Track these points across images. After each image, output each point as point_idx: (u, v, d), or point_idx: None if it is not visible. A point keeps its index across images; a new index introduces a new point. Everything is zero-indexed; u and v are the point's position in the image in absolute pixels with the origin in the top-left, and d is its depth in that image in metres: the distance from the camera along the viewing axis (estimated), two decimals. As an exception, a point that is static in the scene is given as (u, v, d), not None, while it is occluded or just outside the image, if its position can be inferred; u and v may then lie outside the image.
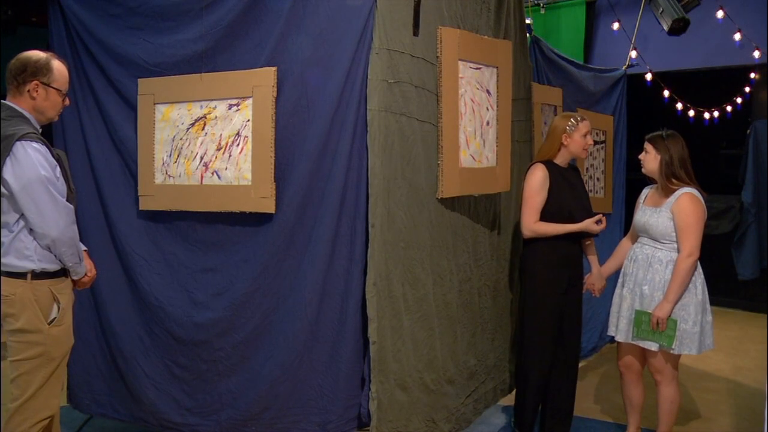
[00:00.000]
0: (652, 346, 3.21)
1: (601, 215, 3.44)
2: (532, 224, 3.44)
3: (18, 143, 2.45)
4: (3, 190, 2.47)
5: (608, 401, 4.30)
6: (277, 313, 2.99)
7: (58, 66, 2.62)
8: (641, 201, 3.45)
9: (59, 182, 2.55)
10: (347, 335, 2.89)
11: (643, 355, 3.37)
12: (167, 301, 3.18)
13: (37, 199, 2.46)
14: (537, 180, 3.44)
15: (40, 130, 2.60)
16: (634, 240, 3.46)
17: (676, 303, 3.15)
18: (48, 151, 2.53)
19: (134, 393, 3.27)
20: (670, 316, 3.14)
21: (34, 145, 2.48)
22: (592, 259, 3.70)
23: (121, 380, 3.32)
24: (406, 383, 2.98)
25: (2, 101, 2.58)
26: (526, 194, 3.48)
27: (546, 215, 3.44)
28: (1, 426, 2.53)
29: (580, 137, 3.48)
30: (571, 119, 3.49)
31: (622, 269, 3.44)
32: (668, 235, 3.22)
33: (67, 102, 2.71)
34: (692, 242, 3.14)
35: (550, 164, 3.50)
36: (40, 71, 2.57)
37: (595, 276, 3.66)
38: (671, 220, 3.21)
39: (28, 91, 2.56)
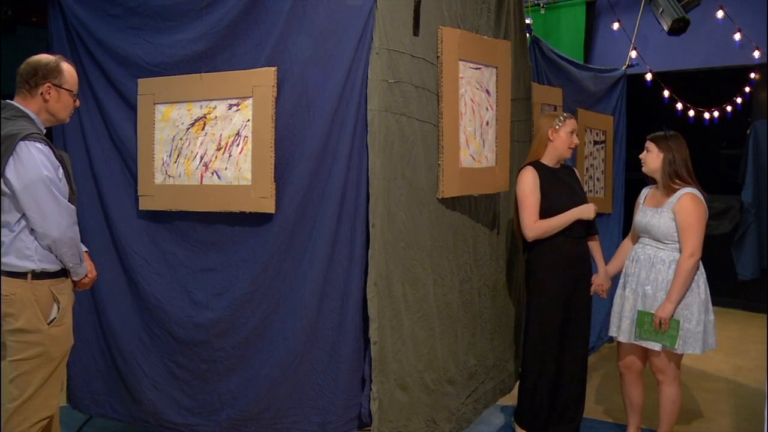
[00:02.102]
0: (655, 347, 3.21)
1: (590, 205, 3.49)
2: (533, 224, 3.44)
3: (21, 143, 2.46)
4: (5, 189, 2.47)
5: (608, 401, 4.30)
6: (277, 313, 2.99)
7: (68, 68, 2.66)
8: (641, 201, 3.44)
9: (61, 183, 2.56)
10: (347, 335, 2.89)
11: (645, 355, 3.37)
12: (167, 301, 3.18)
13: (39, 199, 2.47)
14: (527, 181, 3.47)
15: (44, 132, 2.61)
16: (635, 240, 3.46)
17: (678, 303, 3.15)
18: (51, 151, 2.54)
19: (134, 393, 3.27)
20: (672, 316, 3.14)
21: (38, 145, 2.49)
22: (598, 259, 3.68)
23: (121, 380, 3.32)
24: (407, 383, 2.98)
25: (7, 101, 2.60)
26: (520, 197, 3.50)
27: (542, 215, 3.45)
28: (0, 426, 2.53)
29: (566, 134, 3.50)
30: (558, 116, 3.53)
31: (624, 269, 3.43)
32: (670, 236, 3.22)
33: (78, 103, 2.74)
34: (694, 242, 3.14)
35: (538, 165, 3.54)
36: (51, 73, 2.60)
37: (602, 277, 3.64)
38: (673, 221, 3.20)
39: (41, 93, 2.59)
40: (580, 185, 3.65)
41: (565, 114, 3.57)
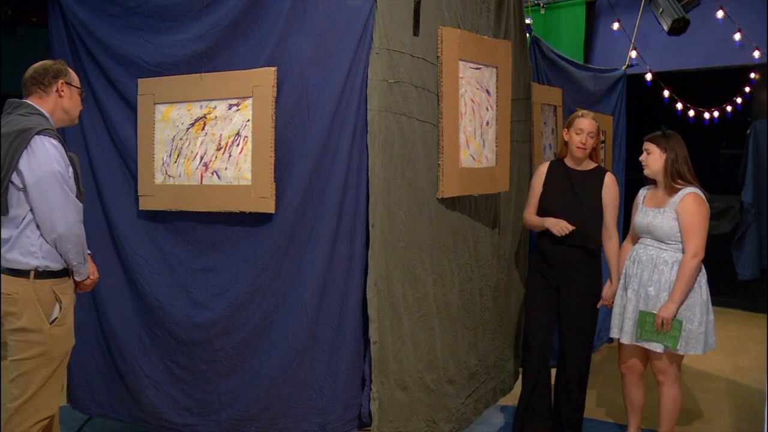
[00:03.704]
0: (657, 348, 3.20)
1: (563, 222, 3.36)
2: (525, 215, 3.64)
3: (36, 137, 2.49)
4: (17, 182, 2.48)
5: (609, 401, 4.30)
6: (277, 313, 2.99)
7: (71, 69, 2.74)
8: (640, 202, 3.42)
9: (71, 181, 2.57)
10: (347, 335, 2.89)
11: (646, 356, 3.36)
12: (167, 301, 3.18)
13: (48, 193, 2.48)
14: (534, 177, 3.65)
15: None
16: (635, 241, 3.44)
17: (681, 303, 3.13)
18: (64, 149, 2.57)
19: (134, 393, 3.27)
20: (675, 316, 3.13)
21: (52, 140, 2.52)
22: (612, 270, 3.50)
23: (121, 380, 3.32)
24: (407, 383, 2.98)
25: (23, 100, 2.63)
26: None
27: (537, 212, 3.56)
28: (0, 426, 2.53)
29: (575, 133, 3.46)
30: (575, 115, 3.50)
31: (624, 270, 3.41)
32: (673, 236, 3.20)
33: (84, 94, 2.81)
34: (697, 242, 3.13)
35: (556, 163, 3.58)
36: (62, 72, 2.68)
37: (613, 291, 3.47)
38: (676, 221, 3.18)
39: (56, 90, 2.65)
40: (595, 194, 3.47)
41: (583, 112, 3.51)
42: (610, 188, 3.49)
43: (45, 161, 2.48)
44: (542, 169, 3.60)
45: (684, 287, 3.13)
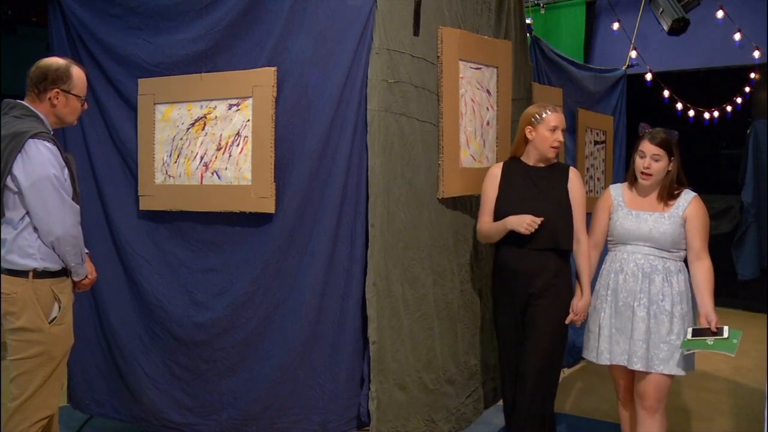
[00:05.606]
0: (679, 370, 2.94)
1: (528, 217, 2.95)
2: (478, 225, 3.20)
3: (30, 141, 2.48)
4: (12, 186, 2.48)
5: (608, 401, 4.30)
6: (277, 313, 3.00)
7: (78, 73, 2.68)
8: (620, 203, 3.08)
9: (66, 183, 2.57)
10: (347, 335, 2.90)
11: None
12: (167, 301, 3.19)
13: (44, 197, 2.48)
14: (486, 179, 3.19)
15: (52, 133, 2.63)
16: (599, 247, 3.16)
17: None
18: (59, 151, 2.57)
19: (134, 393, 3.27)
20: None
21: (47, 144, 2.52)
22: (583, 281, 3.09)
23: (121, 380, 3.32)
24: (405, 383, 2.99)
25: (18, 101, 2.61)
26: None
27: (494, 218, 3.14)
28: (0, 425, 2.53)
29: (546, 130, 3.05)
30: (540, 110, 3.10)
31: (611, 285, 3.03)
32: (679, 243, 2.98)
33: (86, 106, 2.76)
34: (706, 245, 3.00)
35: (512, 162, 3.20)
36: (60, 79, 2.62)
37: (584, 304, 3.07)
38: (683, 226, 2.98)
39: (49, 98, 2.62)
40: (560, 189, 3.11)
41: (550, 107, 3.12)
42: (576, 183, 3.13)
43: (39, 165, 2.47)
44: (495, 170, 3.17)
45: (712, 291, 2.95)
